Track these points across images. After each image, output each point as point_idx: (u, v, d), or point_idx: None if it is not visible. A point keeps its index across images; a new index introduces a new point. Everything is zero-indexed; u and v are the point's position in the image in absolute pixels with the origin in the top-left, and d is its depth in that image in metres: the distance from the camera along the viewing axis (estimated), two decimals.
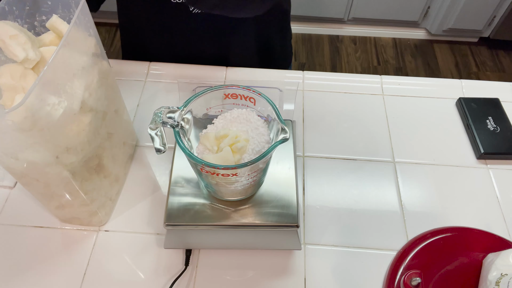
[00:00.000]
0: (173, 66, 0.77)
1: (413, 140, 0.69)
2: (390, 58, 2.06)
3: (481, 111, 0.70)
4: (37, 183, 0.47)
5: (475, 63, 2.05)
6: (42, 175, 0.45)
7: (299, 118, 0.71)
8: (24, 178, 0.46)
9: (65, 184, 0.48)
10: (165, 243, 0.54)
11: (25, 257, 0.56)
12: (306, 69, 2.00)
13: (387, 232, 0.59)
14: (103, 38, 2.07)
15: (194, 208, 0.51)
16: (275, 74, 0.78)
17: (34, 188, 0.49)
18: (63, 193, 0.49)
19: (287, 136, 0.41)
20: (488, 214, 0.61)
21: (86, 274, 0.54)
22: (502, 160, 0.66)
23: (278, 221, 0.50)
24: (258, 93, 0.46)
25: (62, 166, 0.45)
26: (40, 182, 0.47)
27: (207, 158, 0.43)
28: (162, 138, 0.44)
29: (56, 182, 0.47)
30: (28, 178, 0.46)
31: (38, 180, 0.46)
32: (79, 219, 0.56)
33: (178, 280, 0.53)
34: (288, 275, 0.55)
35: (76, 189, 0.49)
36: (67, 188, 0.48)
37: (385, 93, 0.75)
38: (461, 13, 1.92)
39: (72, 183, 0.48)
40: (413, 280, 0.50)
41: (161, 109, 0.44)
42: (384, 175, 0.64)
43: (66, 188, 0.48)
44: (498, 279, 0.48)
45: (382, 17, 2.03)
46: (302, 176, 0.64)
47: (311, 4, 1.98)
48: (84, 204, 0.52)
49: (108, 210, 0.58)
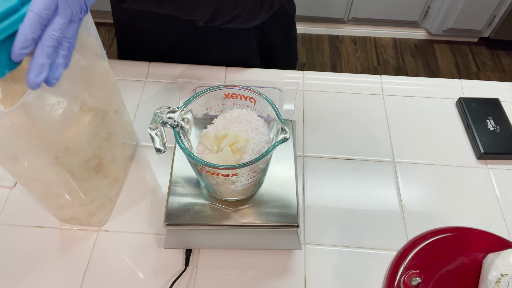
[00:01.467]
0: (173, 66, 0.77)
1: (413, 140, 0.69)
2: (390, 58, 2.06)
3: (481, 111, 0.70)
4: (37, 184, 0.47)
5: (475, 63, 2.04)
6: (41, 175, 0.45)
7: (299, 118, 0.71)
8: (24, 178, 0.46)
9: (64, 184, 0.48)
10: (165, 243, 0.54)
11: (25, 257, 0.56)
12: (306, 69, 2.00)
13: (387, 232, 0.59)
14: (103, 38, 2.07)
15: (194, 208, 0.51)
16: (275, 74, 0.78)
17: (34, 188, 0.49)
18: (63, 193, 0.49)
19: (287, 136, 0.41)
20: (488, 214, 0.61)
21: (86, 274, 0.54)
22: (502, 160, 0.66)
23: (278, 221, 0.50)
24: (258, 93, 0.46)
25: (61, 167, 0.45)
26: (40, 183, 0.47)
27: (207, 158, 0.43)
28: (162, 138, 0.44)
29: (56, 182, 0.47)
30: (27, 178, 0.46)
31: (37, 180, 0.46)
32: (78, 219, 0.56)
33: (178, 280, 0.53)
34: (288, 275, 0.55)
35: (75, 189, 0.49)
36: (67, 188, 0.48)
37: (385, 93, 0.75)
38: (461, 13, 1.92)
39: (72, 183, 0.47)
40: (413, 280, 0.50)
41: (161, 109, 0.44)
42: (384, 175, 0.64)
43: (65, 188, 0.48)
44: (498, 279, 0.48)
45: (382, 17, 2.03)
46: (302, 176, 0.64)
47: (311, 4, 1.99)
48: (83, 204, 0.52)
49: (108, 211, 0.58)
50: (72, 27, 0.37)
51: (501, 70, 2.02)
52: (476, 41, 2.13)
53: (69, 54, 0.37)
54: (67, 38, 0.36)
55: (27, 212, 0.59)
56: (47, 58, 0.34)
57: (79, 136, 0.46)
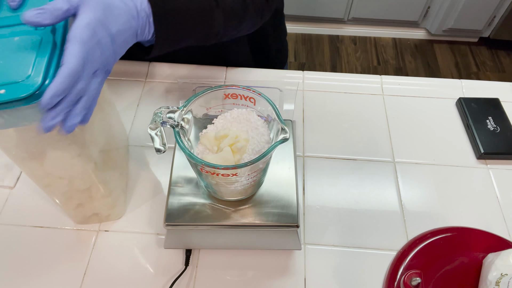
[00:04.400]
0: (173, 66, 0.77)
1: (413, 140, 0.69)
2: (390, 58, 2.06)
3: (481, 111, 0.70)
4: (60, 182, 0.48)
5: (475, 63, 2.04)
6: (67, 169, 0.46)
7: (299, 118, 0.71)
8: (47, 179, 0.47)
9: (89, 176, 0.49)
10: (165, 243, 0.54)
11: (25, 257, 0.56)
12: (306, 69, 2.00)
13: (387, 232, 0.59)
14: None
15: (194, 208, 0.51)
16: (275, 74, 0.78)
17: (57, 188, 0.49)
18: (87, 186, 0.50)
19: (287, 136, 0.41)
20: (488, 214, 0.61)
21: (86, 274, 0.54)
22: (502, 160, 0.66)
23: (278, 221, 0.50)
24: (258, 93, 0.46)
25: (86, 157, 0.46)
26: (64, 179, 0.48)
27: (207, 158, 0.43)
28: (162, 138, 0.44)
29: (81, 175, 0.48)
30: (51, 177, 0.47)
31: (61, 177, 0.47)
32: (97, 215, 0.57)
33: (178, 280, 0.53)
34: (288, 275, 0.55)
35: (98, 181, 0.50)
36: (90, 179, 0.49)
37: (385, 93, 0.75)
38: (461, 13, 1.92)
39: (95, 174, 0.49)
40: (413, 280, 0.50)
41: (161, 109, 0.44)
42: (384, 175, 0.64)
43: (89, 180, 0.49)
44: (498, 279, 0.48)
45: (382, 17, 2.03)
46: (302, 176, 0.64)
47: (311, 4, 1.98)
48: (104, 196, 0.53)
49: (123, 202, 0.59)
50: (95, 82, 0.39)
51: (501, 70, 2.02)
52: (476, 41, 2.13)
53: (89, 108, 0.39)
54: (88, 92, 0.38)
55: (27, 212, 0.59)
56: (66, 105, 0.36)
57: (98, 126, 0.48)
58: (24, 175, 0.63)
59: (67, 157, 0.44)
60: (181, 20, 0.50)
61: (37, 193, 0.61)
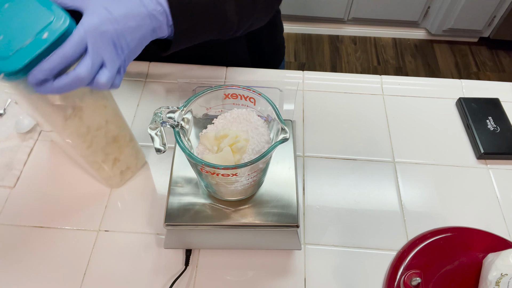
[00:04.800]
0: (173, 66, 0.77)
1: (413, 140, 0.69)
2: (390, 58, 2.06)
3: (481, 111, 0.70)
4: (99, 134, 0.52)
5: (475, 63, 2.05)
6: (102, 116, 0.51)
7: (299, 118, 0.71)
8: (89, 135, 0.50)
9: (118, 119, 0.54)
10: (165, 243, 0.54)
11: (25, 257, 0.56)
12: (306, 69, 2.00)
13: (387, 232, 0.59)
14: None
15: (194, 208, 0.51)
16: (275, 74, 0.78)
17: (97, 144, 0.53)
18: (117, 132, 0.55)
19: (287, 136, 0.41)
20: (488, 214, 0.61)
21: (86, 274, 0.54)
22: (502, 160, 0.66)
23: (278, 221, 0.50)
24: (258, 93, 0.46)
25: (113, 103, 0.52)
26: (101, 130, 0.52)
27: (207, 158, 0.43)
28: (162, 138, 0.44)
29: (111, 118, 0.53)
30: (91, 131, 0.51)
31: (98, 128, 0.51)
32: (130, 168, 0.62)
33: (178, 280, 0.53)
34: (288, 275, 0.55)
35: (123, 123, 0.56)
36: (119, 122, 0.55)
37: (385, 93, 0.75)
38: (461, 13, 1.92)
39: (121, 117, 0.55)
40: (413, 280, 0.50)
41: (161, 109, 0.44)
42: (384, 175, 0.64)
43: (118, 123, 0.55)
44: (498, 279, 0.48)
45: (382, 17, 2.03)
46: (302, 176, 0.64)
47: (311, 4, 1.99)
48: (130, 140, 0.59)
49: (139, 147, 0.63)
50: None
51: (501, 70, 2.02)
52: (476, 41, 2.13)
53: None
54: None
55: (27, 212, 0.59)
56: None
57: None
58: (24, 175, 0.63)
59: (100, 106, 0.50)
60: (197, 13, 0.50)
61: (37, 193, 0.61)
